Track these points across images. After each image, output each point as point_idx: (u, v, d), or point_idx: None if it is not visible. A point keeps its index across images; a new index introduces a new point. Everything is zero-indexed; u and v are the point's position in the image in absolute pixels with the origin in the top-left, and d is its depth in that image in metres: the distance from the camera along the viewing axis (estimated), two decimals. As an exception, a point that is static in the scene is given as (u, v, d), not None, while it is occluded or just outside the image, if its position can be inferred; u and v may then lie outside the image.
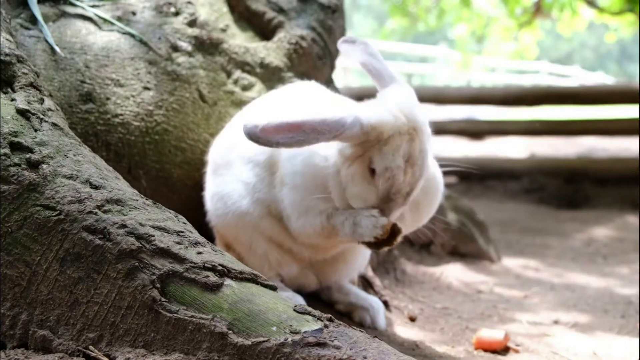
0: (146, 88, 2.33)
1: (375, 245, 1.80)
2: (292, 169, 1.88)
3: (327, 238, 1.91)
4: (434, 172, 1.96)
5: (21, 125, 1.63)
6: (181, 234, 1.52)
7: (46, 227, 1.49)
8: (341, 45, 1.97)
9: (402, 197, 1.75)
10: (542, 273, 3.37)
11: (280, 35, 2.69)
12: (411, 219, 1.95)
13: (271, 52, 2.64)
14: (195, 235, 1.56)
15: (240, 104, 2.51)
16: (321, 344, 1.30)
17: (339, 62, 2.96)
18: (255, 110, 2.20)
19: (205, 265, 1.44)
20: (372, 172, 1.73)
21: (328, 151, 1.83)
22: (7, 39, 1.83)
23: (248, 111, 2.24)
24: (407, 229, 1.99)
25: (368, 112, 1.72)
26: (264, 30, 2.75)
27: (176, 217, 1.61)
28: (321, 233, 1.89)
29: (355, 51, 1.92)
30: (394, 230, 1.77)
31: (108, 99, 2.24)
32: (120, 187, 1.61)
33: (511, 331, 2.26)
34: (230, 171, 2.07)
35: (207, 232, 2.11)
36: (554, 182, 5.81)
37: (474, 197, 5.52)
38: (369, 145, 1.72)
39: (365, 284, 2.45)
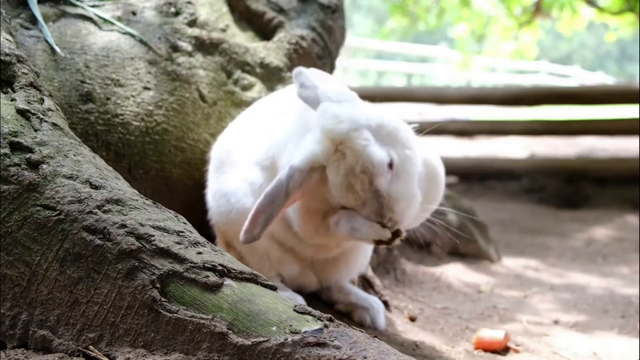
0: (146, 88, 2.33)
1: (378, 243, 1.82)
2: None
3: (325, 236, 1.92)
4: (429, 157, 1.95)
5: (21, 125, 1.63)
6: (181, 234, 1.52)
7: (46, 227, 1.49)
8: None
9: (375, 201, 1.74)
10: (542, 273, 3.37)
11: (280, 35, 2.69)
12: (420, 208, 1.95)
13: (271, 52, 2.64)
14: (195, 235, 1.56)
15: (240, 104, 2.51)
16: (321, 344, 1.30)
17: (339, 62, 2.96)
18: (261, 111, 2.20)
19: (205, 265, 1.44)
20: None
21: None
22: (7, 39, 1.83)
23: (251, 111, 2.24)
24: (419, 218, 1.99)
25: (297, 155, 1.77)
26: (264, 30, 2.75)
27: (176, 217, 1.61)
28: (318, 232, 1.90)
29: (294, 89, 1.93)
30: (396, 232, 1.78)
31: (108, 99, 2.24)
32: (120, 187, 1.61)
33: (511, 331, 2.26)
34: (236, 170, 2.07)
35: (207, 232, 2.11)
36: (554, 182, 5.81)
37: (474, 197, 5.51)
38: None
39: (365, 284, 2.45)
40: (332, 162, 1.73)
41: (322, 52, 2.73)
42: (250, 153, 2.04)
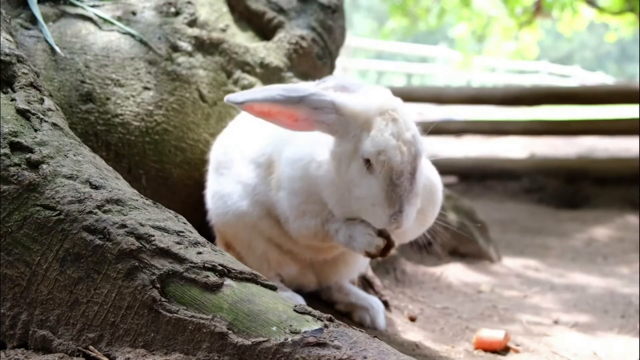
0: (146, 88, 2.33)
1: (368, 255, 1.81)
2: (291, 174, 1.87)
3: (322, 241, 1.92)
4: (430, 175, 1.94)
5: (21, 125, 1.63)
6: (181, 234, 1.52)
7: (46, 227, 1.49)
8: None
9: (408, 181, 1.68)
10: (542, 273, 3.37)
11: (280, 35, 2.69)
12: (416, 224, 1.94)
13: (271, 52, 2.64)
14: (195, 235, 1.56)
15: (240, 104, 2.51)
16: (321, 344, 1.30)
17: (339, 62, 2.96)
18: None
19: (205, 265, 1.44)
20: (368, 164, 1.69)
21: (321, 158, 1.82)
22: (7, 39, 1.83)
23: None
24: (413, 234, 1.98)
25: (342, 97, 1.74)
26: (264, 30, 2.75)
27: (176, 217, 1.61)
28: (315, 237, 1.90)
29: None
30: (388, 244, 1.76)
31: (108, 99, 2.25)
32: (120, 187, 1.61)
33: (511, 331, 2.26)
34: (232, 171, 2.08)
35: (207, 232, 2.11)
36: (554, 182, 5.81)
37: (474, 197, 5.51)
38: (356, 139, 1.71)
39: (365, 284, 2.45)
40: (381, 120, 1.69)
41: (322, 52, 2.73)
42: (246, 150, 2.04)
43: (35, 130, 1.64)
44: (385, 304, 2.36)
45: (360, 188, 1.72)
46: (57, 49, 2.21)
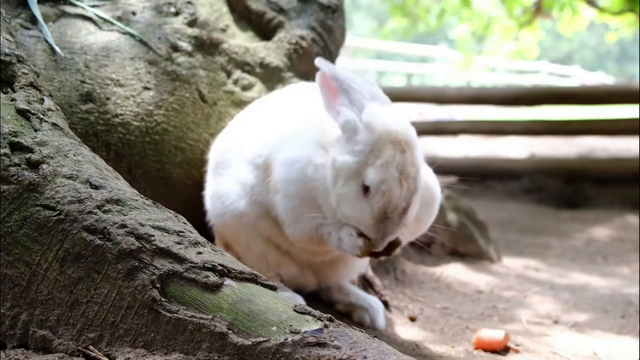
0: (146, 88, 2.33)
1: (373, 255, 1.80)
2: (286, 177, 1.86)
3: (318, 245, 1.92)
4: (428, 181, 1.94)
5: (21, 125, 1.63)
6: (181, 234, 1.52)
7: (46, 227, 1.49)
8: None
9: (399, 215, 1.71)
10: (542, 273, 3.37)
11: (280, 35, 2.69)
12: (410, 230, 1.94)
13: (271, 52, 2.64)
14: (195, 235, 1.56)
15: (240, 104, 2.51)
16: (321, 344, 1.30)
17: (339, 62, 2.96)
18: (257, 110, 2.20)
19: (205, 265, 1.44)
20: (366, 190, 1.70)
21: (320, 160, 1.81)
22: (7, 39, 1.83)
23: (250, 111, 2.24)
24: (405, 239, 1.98)
25: (374, 106, 1.76)
26: (264, 30, 2.75)
27: (176, 217, 1.61)
28: (310, 241, 1.91)
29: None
30: (393, 243, 1.77)
31: (108, 99, 2.25)
32: (120, 187, 1.61)
33: (511, 331, 2.26)
34: (230, 171, 2.08)
35: (207, 232, 2.11)
36: (554, 182, 5.81)
37: (474, 197, 5.51)
38: (361, 157, 1.71)
39: (365, 284, 2.45)
40: (391, 149, 1.70)
41: (322, 52, 2.73)
42: (244, 151, 2.04)
43: (35, 130, 1.64)
44: (385, 304, 2.36)
45: (351, 207, 1.74)
46: (57, 49, 2.21)
